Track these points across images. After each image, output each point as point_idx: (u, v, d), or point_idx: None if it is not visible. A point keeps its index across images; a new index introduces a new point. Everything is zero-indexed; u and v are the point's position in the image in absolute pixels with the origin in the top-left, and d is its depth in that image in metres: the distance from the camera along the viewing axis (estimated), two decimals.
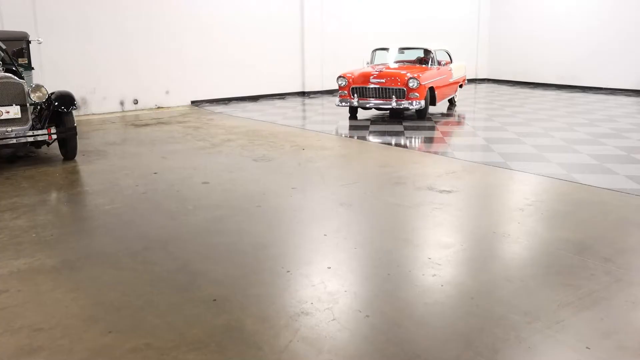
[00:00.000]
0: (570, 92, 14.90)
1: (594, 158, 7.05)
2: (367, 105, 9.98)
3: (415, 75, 9.69)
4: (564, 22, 15.90)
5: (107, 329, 3.00)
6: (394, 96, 9.70)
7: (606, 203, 5.24)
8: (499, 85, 16.87)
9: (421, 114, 10.23)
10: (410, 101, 9.66)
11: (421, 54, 11.44)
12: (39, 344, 2.86)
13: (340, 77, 10.23)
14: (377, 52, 11.33)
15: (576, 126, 9.46)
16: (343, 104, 10.28)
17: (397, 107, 9.72)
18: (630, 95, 14.05)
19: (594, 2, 15.24)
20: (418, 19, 16.02)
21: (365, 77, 10.01)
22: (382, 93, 9.84)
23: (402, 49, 11.46)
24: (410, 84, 9.57)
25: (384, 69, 10.21)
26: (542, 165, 6.67)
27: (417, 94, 9.58)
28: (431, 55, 10.89)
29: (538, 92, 15.03)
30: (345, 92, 10.15)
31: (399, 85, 9.71)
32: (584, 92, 14.94)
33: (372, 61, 11.11)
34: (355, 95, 10.00)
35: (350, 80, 10.12)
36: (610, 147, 7.70)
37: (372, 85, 9.88)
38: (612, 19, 14.82)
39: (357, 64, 11.61)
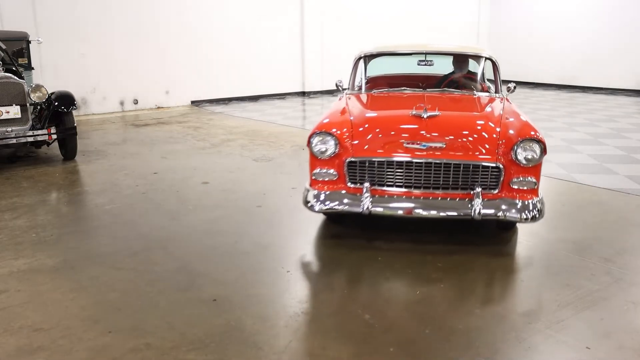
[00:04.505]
0: (570, 92, 14.90)
1: (594, 158, 7.05)
2: (405, 212, 3.92)
3: (521, 125, 4.19)
4: (564, 22, 15.89)
5: (107, 329, 3.00)
6: (478, 187, 3.90)
7: (606, 203, 5.24)
8: None
9: (509, 224, 4.42)
10: (515, 202, 3.90)
11: (449, 64, 5.60)
12: (39, 344, 2.86)
13: (318, 133, 4.08)
14: (370, 60, 5.50)
15: (576, 126, 9.46)
16: (326, 205, 4.04)
17: (485, 217, 3.85)
18: (630, 95, 14.05)
19: (594, 2, 15.24)
20: (418, 19, 16.02)
21: (391, 127, 4.13)
22: (438, 175, 3.95)
23: (426, 57, 5.31)
24: (524, 156, 3.93)
25: (430, 111, 4.11)
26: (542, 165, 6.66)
27: (533, 181, 3.96)
28: (496, 70, 5.23)
29: (538, 92, 15.03)
30: (333, 172, 4.08)
31: (487, 158, 3.92)
32: (584, 92, 14.94)
33: (353, 80, 5.35)
34: (365, 179, 4.01)
35: (347, 139, 4.05)
36: (610, 147, 7.70)
37: (413, 157, 3.93)
38: (612, 19, 14.82)
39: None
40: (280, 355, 2.76)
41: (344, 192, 4.05)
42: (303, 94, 14.38)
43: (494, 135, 4.02)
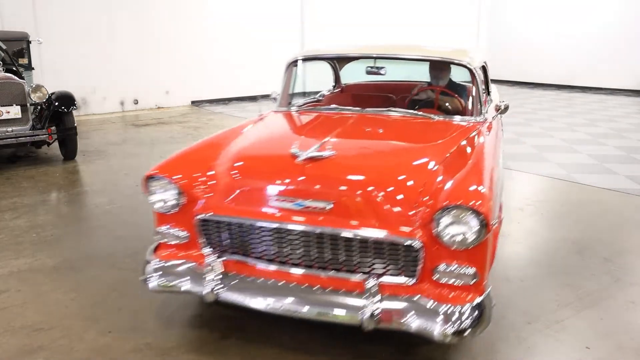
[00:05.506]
0: (570, 92, 14.90)
1: (594, 158, 7.05)
2: (265, 308, 2.60)
3: (463, 179, 2.54)
4: (564, 22, 15.89)
5: (107, 329, 3.00)
6: (372, 278, 2.48)
7: (606, 203, 5.24)
8: (499, 86, 16.77)
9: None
10: (434, 307, 2.38)
11: (422, 73, 4.39)
12: (39, 344, 2.86)
13: (154, 178, 2.80)
14: (343, 65, 5.14)
15: (576, 126, 9.46)
16: (165, 282, 2.79)
17: (379, 326, 2.41)
18: (630, 95, 14.05)
19: (593, 3, 15.24)
20: (417, 20, 16.00)
21: (260, 174, 2.78)
22: (321, 250, 2.56)
23: (376, 62, 4.09)
24: (450, 235, 2.35)
25: (322, 148, 2.73)
26: (542, 165, 6.66)
27: (472, 272, 2.39)
28: (476, 84, 3.67)
29: (538, 92, 15.02)
30: (184, 233, 2.83)
31: (397, 230, 2.42)
32: (583, 92, 14.93)
33: (285, 93, 4.12)
34: (222, 247, 2.76)
35: (199, 187, 2.78)
36: (610, 147, 7.69)
37: (282, 221, 2.57)
38: (612, 19, 14.82)
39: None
40: (280, 355, 2.76)
41: (185, 262, 2.78)
42: (304, 94, 14.37)
43: (412, 188, 2.52)
